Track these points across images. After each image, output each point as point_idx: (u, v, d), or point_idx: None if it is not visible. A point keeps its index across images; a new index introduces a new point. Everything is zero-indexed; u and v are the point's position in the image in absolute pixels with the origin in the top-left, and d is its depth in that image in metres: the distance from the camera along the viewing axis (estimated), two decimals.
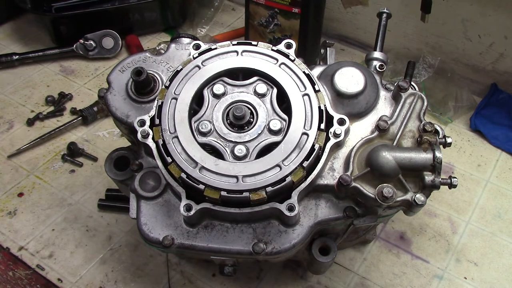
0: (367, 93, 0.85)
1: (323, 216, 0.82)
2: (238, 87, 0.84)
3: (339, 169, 0.82)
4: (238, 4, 1.75)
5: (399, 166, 0.77)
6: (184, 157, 0.77)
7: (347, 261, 1.10)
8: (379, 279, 1.07)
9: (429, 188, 0.78)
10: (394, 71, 1.40)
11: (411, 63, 1.08)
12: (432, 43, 1.42)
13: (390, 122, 0.83)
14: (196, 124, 0.81)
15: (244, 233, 0.80)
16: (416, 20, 1.30)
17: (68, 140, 1.35)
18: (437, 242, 1.13)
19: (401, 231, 1.15)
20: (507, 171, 1.27)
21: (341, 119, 0.81)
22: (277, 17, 1.37)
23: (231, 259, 0.86)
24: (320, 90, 0.83)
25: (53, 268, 1.09)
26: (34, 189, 1.24)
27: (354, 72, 0.85)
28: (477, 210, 1.19)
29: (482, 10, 1.28)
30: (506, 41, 1.30)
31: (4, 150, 1.32)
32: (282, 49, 0.86)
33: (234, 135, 0.80)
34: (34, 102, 1.46)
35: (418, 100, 0.86)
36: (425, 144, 0.79)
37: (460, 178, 1.24)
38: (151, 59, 0.92)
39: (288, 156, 0.77)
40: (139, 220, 0.82)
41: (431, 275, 1.08)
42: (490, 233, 1.15)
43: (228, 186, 0.75)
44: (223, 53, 0.86)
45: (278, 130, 0.80)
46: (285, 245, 0.80)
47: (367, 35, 1.53)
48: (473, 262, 1.10)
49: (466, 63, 1.41)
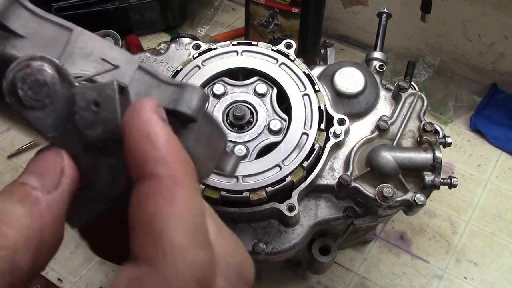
0: (367, 93, 0.85)
1: (323, 216, 0.82)
2: (238, 87, 0.85)
3: (339, 169, 0.82)
4: (238, 4, 1.75)
5: (399, 166, 0.77)
6: None
7: (347, 261, 1.10)
8: (379, 279, 1.07)
9: (429, 188, 0.78)
10: (394, 71, 1.40)
11: (411, 63, 1.08)
12: (432, 43, 1.42)
13: (390, 122, 0.83)
14: None
15: (244, 233, 0.80)
16: (416, 20, 1.30)
17: None
18: (437, 242, 1.13)
19: (401, 231, 1.15)
20: (507, 171, 1.26)
21: (341, 119, 0.81)
22: (277, 17, 1.37)
23: None
24: (320, 90, 0.83)
25: (53, 268, 1.09)
26: None
27: (354, 72, 0.86)
28: (477, 210, 1.19)
29: (482, 10, 1.27)
30: (506, 41, 1.30)
31: (4, 150, 1.32)
32: (282, 49, 0.86)
33: (234, 135, 0.80)
34: None
35: (418, 100, 0.86)
36: (425, 144, 0.79)
37: (460, 178, 1.24)
38: (151, 59, 0.92)
39: (288, 156, 0.77)
40: None
41: (431, 275, 1.08)
42: (490, 233, 1.15)
43: (228, 186, 0.75)
44: (223, 53, 0.86)
45: (278, 130, 0.80)
46: (285, 245, 0.80)
47: (367, 35, 1.53)
48: (473, 262, 1.10)
49: (466, 63, 1.41)
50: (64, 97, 0.32)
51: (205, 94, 0.37)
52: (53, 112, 0.32)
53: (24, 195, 0.30)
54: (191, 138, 0.37)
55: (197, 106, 0.36)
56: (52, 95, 0.31)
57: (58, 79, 0.31)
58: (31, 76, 0.30)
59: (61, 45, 0.36)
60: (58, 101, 0.31)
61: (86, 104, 0.31)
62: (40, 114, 0.31)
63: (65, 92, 0.32)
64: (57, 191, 0.30)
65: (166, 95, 0.36)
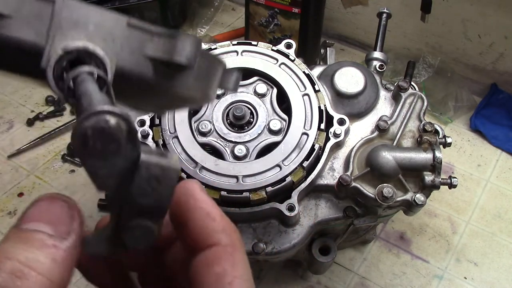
0: (367, 93, 0.85)
1: (323, 216, 0.82)
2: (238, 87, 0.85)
3: (339, 169, 0.82)
4: (238, 4, 1.75)
5: (399, 166, 0.77)
6: (184, 157, 0.77)
7: (347, 261, 1.10)
8: (379, 279, 1.07)
9: (429, 188, 0.78)
10: (394, 71, 1.40)
11: (411, 63, 1.08)
12: (432, 43, 1.42)
13: (390, 122, 0.83)
14: (196, 124, 0.81)
15: (244, 233, 0.80)
16: (416, 20, 1.30)
17: (68, 140, 1.35)
18: (437, 242, 1.13)
19: (401, 231, 1.15)
20: (507, 171, 1.27)
21: (341, 119, 0.81)
22: (277, 17, 1.37)
23: None
24: (320, 90, 0.83)
25: None
26: (34, 189, 1.24)
27: (354, 72, 0.86)
28: (477, 210, 1.19)
29: (482, 10, 1.27)
30: (506, 41, 1.30)
31: (4, 150, 1.32)
32: (282, 49, 0.86)
33: (234, 135, 0.80)
34: (34, 102, 1.46)
35: (418, 100, 0.86)
36: (425, 144, 0.79)
37: (460, 178, 1.24)
38: None
39: (288, 156, 0.77)
40: None
41: (431, 275, 1.08)
42: (490, 233, 1.15)
43: (228, 186, 0.75)
44: (223, 53, 0.86)
45: (278, 130, 0.80)
46: (285, 245, 0.80)
47: (367, 35, 1.53)
48: (473, 262, 1.10)
49: (466, 63, 1.41)
50: (126, 157, 0.32)
51: (198, 40, 0.37)
52: (110, 166, 0.32)
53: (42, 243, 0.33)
54: (190, 79, 0.39)
55: (191, 54, 0.37)
56: (117, 151, 0.32)
57: (126, 139, 0.32)
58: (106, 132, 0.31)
59: (47, 19, 0.35)
60: (120, 158, 0.32)
61: (148, 177, 0.33)
62: (97, 163, 0.32)
63: (129, 152, 0.32)
64: (71, 237, 0.34)
65: (159, 47, 0.37)
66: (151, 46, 0.37)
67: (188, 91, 0.39)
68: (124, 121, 0.32)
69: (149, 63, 0.38)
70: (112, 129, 0.31)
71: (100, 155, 0.32)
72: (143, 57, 0.38)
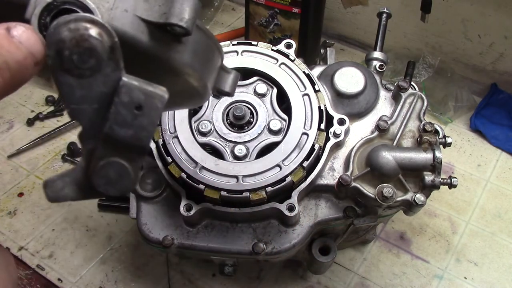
0: (367, 93, 0.85)
1: (323, 216, 0.82)
2: (238, 87, 0.84)
3: (339, 169, 0.82)
4: (238, 4, 1.75)
5: (399, 166, 0.77)
6: (184, 157, 0.77)
7: (347, 261, 1.10)
8: (379, 279, 1.07)
9: (429, 188, 0.78)
10: (394, 71, 1.40)
11: (411, 63, 1.08)
12: (432, 43, 1.42)
13: (390, 122, 0.83)
14: (196, 124, 0.81)
15: (244, 233, 0.81)
16: (416, 20, 1.30)
17: (68, 140, 1.35)
18: (437, 242, 1.13)
19: (401, 231, 1.15)
20: (507, 171, 1.26)
21: (341, 119, 0.81)
22: (277, 17, 1.37)
23: (231, 259, 0.86)
24: (320, 90, 0.83)
25: (53, 268, 1.09)
26: (34, 189, 1.24)
27: (354, 72, 0.86)
28: (477, 210, 1.19)
29: (482, 10, 1.27)
30: (506, 41, 1.30)
31: (4, 150, 1.32)
32: (282, 49, 0.86)
33: (234, 135, 0.80)
34: (34, 102, 1.46)
35: (418, 100, 0.86)
36: (425, 144, 0.79)
37: (460, 178, 1.24)
38: None
39: (288, 156, 0.77)
40: (139, 220, 0.82)
41: (431, 275, 1.08)
42: (490, 233, 1.15)
43: (228, 186, 0.75)
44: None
45: (278, 130, 0.80)
46: (285, 245, 0.80)
47: (367, 35, 1.53)
48: (473, 262, 1.10)
49: (466, 63, 1.41)
50: (106, 78, 0.29)
51: (197, 2, 0.34)
52: (86, 87, 0.29)
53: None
54: (188, 52, 0.35)
55: (190, 17, 0.33)
56: (96, 69, 0.28)
57: (108, 56, 0.28)
58: (85, 42, 0.28)
59: None
60: (98, 78, 0.29)
61: (129, 102, 0.29)
62: (73, 82, 0.29)
63: (110, 73, 0.29)
64: None
65: (155, 8, 0.34)
66: (145, 7, 0.34)
67: (185, 67, 0.35)
68: (107, 34, 0.28)
69: (144, 27, 0.34)
70: (92, 41, 0.27)
71: (77, 71, 0.28)
72: (137, 19, 0.34)
